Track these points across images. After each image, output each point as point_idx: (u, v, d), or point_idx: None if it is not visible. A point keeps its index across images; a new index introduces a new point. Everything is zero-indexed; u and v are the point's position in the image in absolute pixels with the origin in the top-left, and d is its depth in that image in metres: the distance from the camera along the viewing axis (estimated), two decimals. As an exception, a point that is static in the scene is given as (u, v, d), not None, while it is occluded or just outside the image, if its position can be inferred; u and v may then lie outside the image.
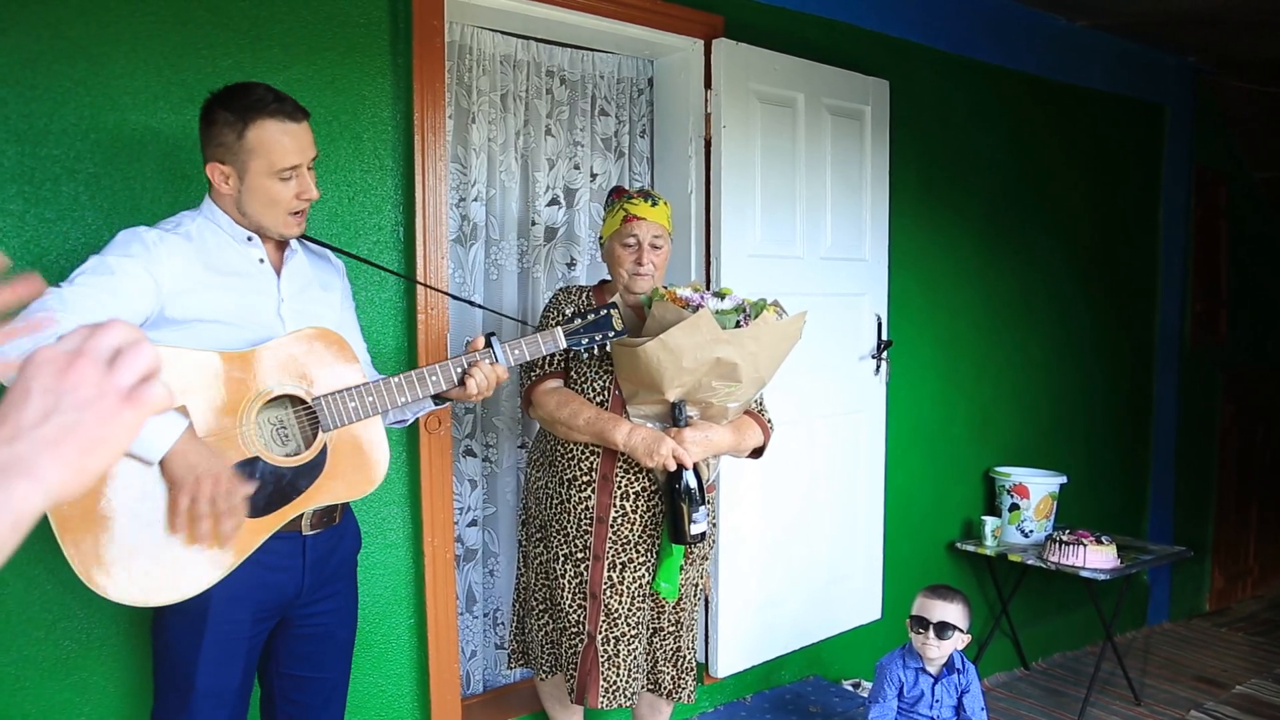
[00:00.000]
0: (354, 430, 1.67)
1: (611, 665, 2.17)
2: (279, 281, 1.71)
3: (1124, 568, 3.39)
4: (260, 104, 1.60)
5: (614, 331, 1.95)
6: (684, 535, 2.05)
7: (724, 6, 2.86)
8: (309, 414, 1.64)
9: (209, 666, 1.61)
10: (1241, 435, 5.11)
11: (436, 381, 1.75)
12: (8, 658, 1.87)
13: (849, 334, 3.15)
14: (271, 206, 1.64)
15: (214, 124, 1.61)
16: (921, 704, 2.47)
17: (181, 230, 1.63)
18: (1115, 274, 4.31)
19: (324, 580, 1.77)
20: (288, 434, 1.64)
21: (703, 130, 2.81)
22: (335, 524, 1.77)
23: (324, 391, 1.64)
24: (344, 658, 1.89)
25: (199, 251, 1.63)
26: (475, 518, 2.85)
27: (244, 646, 1.66)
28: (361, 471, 1.69)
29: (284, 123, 1.61)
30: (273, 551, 1.64)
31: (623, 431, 2.07)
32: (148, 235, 1.57)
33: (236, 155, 1.60)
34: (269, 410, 1.62)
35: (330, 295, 1.84)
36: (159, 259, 1.56)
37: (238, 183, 1.62)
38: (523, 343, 1.87)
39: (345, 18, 2.21)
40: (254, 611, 1.66)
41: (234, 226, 1.67)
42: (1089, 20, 3.96)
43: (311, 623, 1.79)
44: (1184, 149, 4.58)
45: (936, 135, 3.52)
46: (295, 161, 1.63)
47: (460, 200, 2.72)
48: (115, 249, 1.55)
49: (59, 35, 1.87)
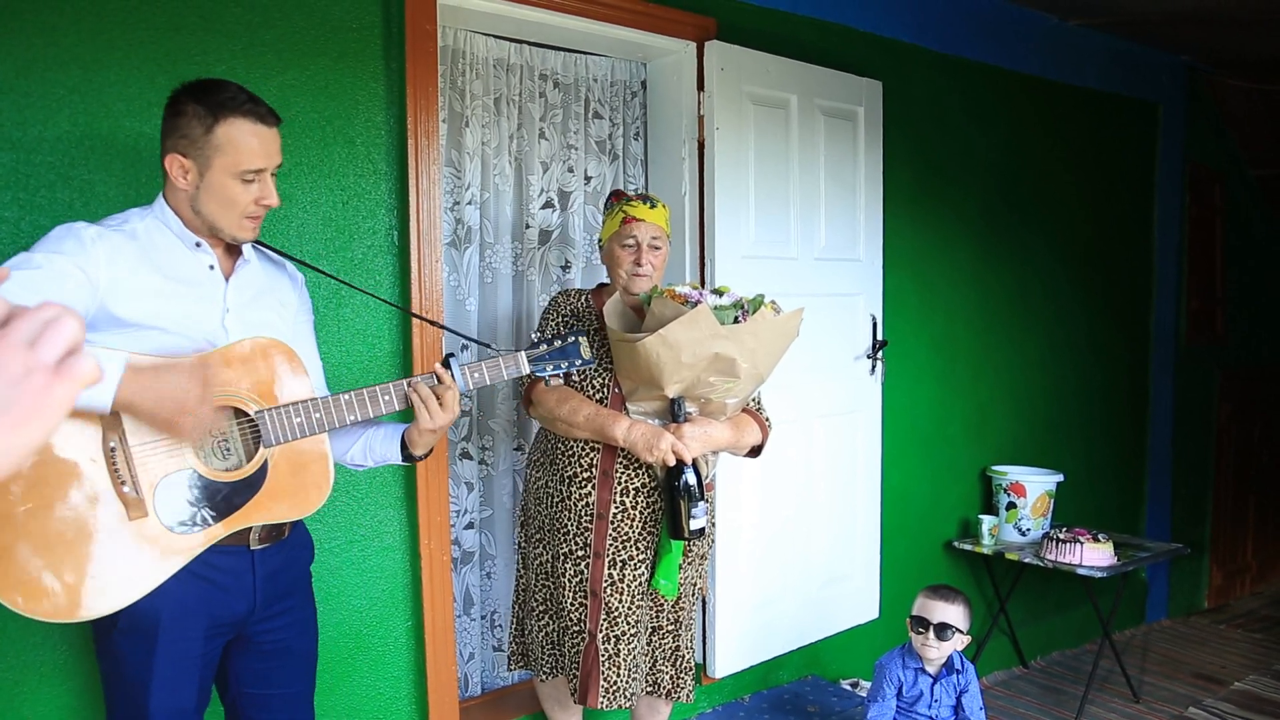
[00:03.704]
0: (298, 447, 1.60)
1: (612, 665, 2.18)
2: (226, 290, 1.63)
3: (1121, 565, 3.39)
4: (234, 102, 1.54)
5: (580, 360, 1.88)
6: (683, 531, 2.07)
7: (716, 9, 2.87)
8: (253, 427, 1.57)
9: (162, 687, 1.55)
10: (1239, 433, 5.12)
11: (389, 401, 1.66)
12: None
13: (844, 334, 3.16)
14: (229, 207, 1.57)
15: (181, 115, 1.54)
16: (920, 704, 2.47)
17: (127, 228, 1.55)
18: (1111, 272, 4.31)
19: (277, 595, 1.70)
20: (229, 447, 1.57)
21: (696, 132, 2.82)
22: (284, 538, 1.70)
23: (269, 405, 1.57)
24: (306, 672, 1.82)
25: (143, 252, 1.54)
26: (472, 520, 2.85)
27: (197, 665, 1.59)
28: (302, 491, 1.61)
29: (255, 124, 1.55)
30: (220, 568, 1.58)
31: (622, 427, 2.08)
32: (85, 232, 1.49)
33: (201, 150, 1.53)
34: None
35: (284, 308, 1.75)
36: (94, 258, 1.47)
37: (196, 178, 1.55)
38: (484, 366, 1.78)
39: (338, 23, 2.22)
40: (206, 628, 1.59)
41: (184, 230, 1.59)
42: (1082, 19, 3.96)
43: (269, 639, 1.72)
44: (1179, 147, 4.58)
45: (930, 135, 3.52)
46: (261, 165, 1.57)
47: (454, 204, 2.73)
48: (46, 244, 1.47)
49: (52, 42, 1.87)
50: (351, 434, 1.82)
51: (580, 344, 1.88)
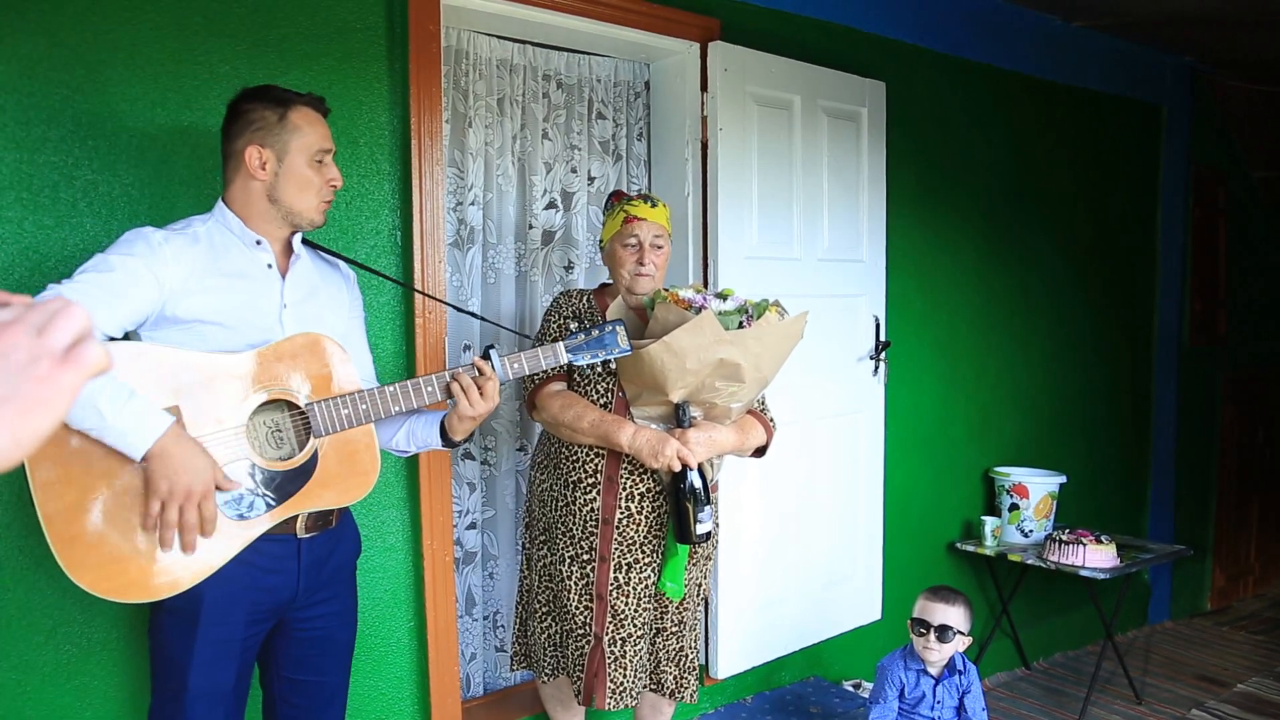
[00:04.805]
0: (346, 437, 1.68)
1: (618, 666, 2.18)
2: (283, 287, 1.72)
3: (1124, 567, 3.39)
4: (293, 94, 1.69)
5: (619, 349, 1.89)
6: (690, 535, 2.06)
7: (720, 9, 2.87)
8: (303, 419, 1.64)
9: (201, 667, 1.61)
10: (1242, 434, 5.11)
11: (432, 392, 1.73)
12: (9, 663, 1.87)
13: (847, 335, 3.15)
14: (306, 188, 1.68)
15: (250, 112, 1.66)
16: (923, 705, 2.47)
17: (189, 232, 1.64)
18: (1114, 274, 4.31)
19: (321, 584, 1.77)
20: (282, 437, 1.65)
21: (699, 133, 2.82)
22: (331, 528, 1.77)
23: (319, 398, 1.64)
24: (344, 661, 1.88)
25: (207, 252, 1.64)
26: (474, 520, 2.85)
27: (238, 648, 1.65)
28: (351, 479, 1.69)
29: (316, 111, 1.71)
30: (267, 554, 1.64)
31: (627, 433, 2.08)
32: (153, 235, 1.59)
33: (279, 136, 1.65)
34: (266, 413, 1.63)
35: (336, 305, 1.84)
36: (163, 259, 1.57)
37: (275, 165, 1.65)
38: (522, 356, 1.84)
39: (342, 23, 2.22)
40: (248, 613, 1.66)
41: (244, 230, 1.68)
42: (1085, 20, 3.96)
43: (310, 626, 1.78)
44: (1182, 149, 4.58)
45: (933, 136, 3.52)
46: (330, 146, 1.71)
47: (457, 204, 2.73)
48: (119, 247, 1.57)
49: (56, 43, 1.88)
50: (395, 422, 1.90)
51: (618, 332, 1.90)
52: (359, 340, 1.91)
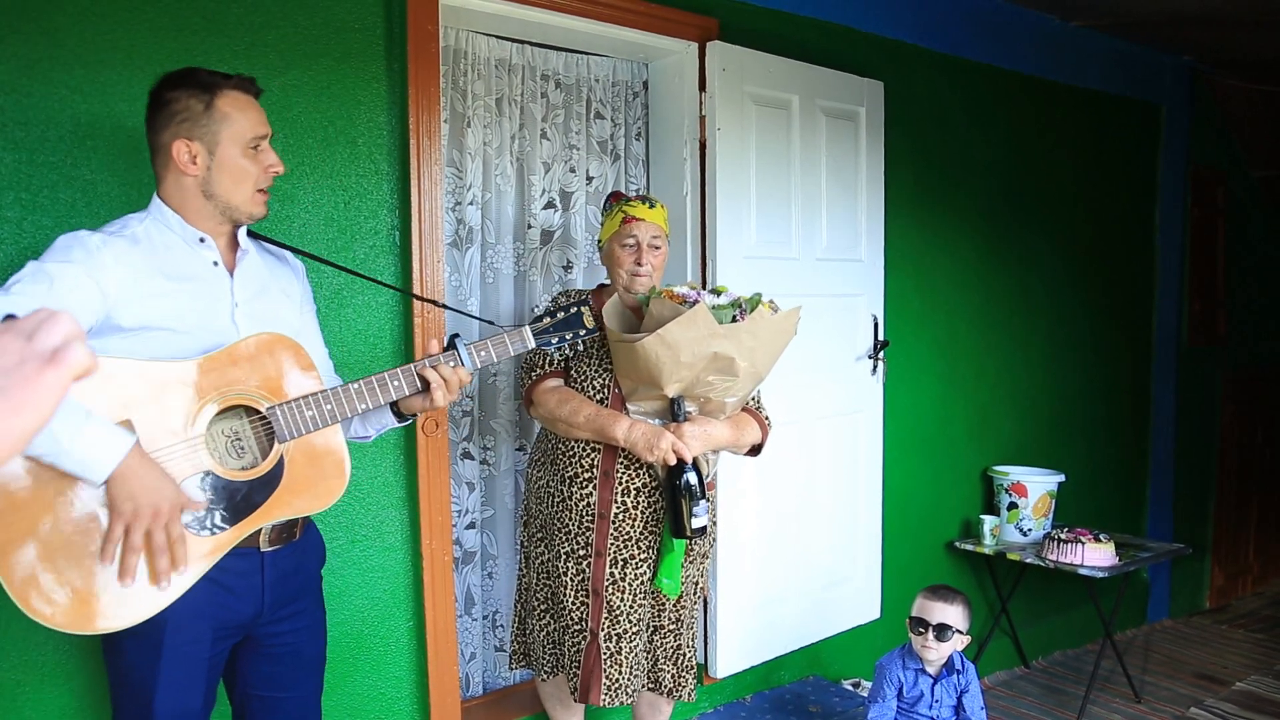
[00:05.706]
0: (312, 440, 1.59)
1: (614, 663, 2.18)
2: (233, 284, 1.62)
3: (1122, 565, 3.39)
4: (219, 77, 1.55)
5: (584, 329, 1.83)
6: (685, 530, 2.07)
7: (718, 9, 2.87)
8: (265, 424, 1.55)
9: (169, 688, 1.54)
10: (1241, 434, 5.12)
11: (399, 387, 1.64)
12: (9, 663, 1.87)
13: (846, 335, 3.16)
14: (242, 180, 1.57)
15: (173, 102, 1.53)
16: (921, 704, 2.47)
17: (128, 233, 1.54)
18: (1113, 273, 4.31)
19: (287, 598, 1.68)
20: (243, 445, 1.56)
21: (698, 133, 2.82)
22: (295, 539, 1.68)
23: (280, 401, 1.55)
24: (314, 675, 1.81)
25: (148, 254, 1.53)
26: (473, 520, 2.86)
27: (204, 667, 1.58)
28: (323, 482, 1.60)
29: (245, 94, 1.57)
30: (230, 570, 1.55)
31: (622, 427, 2.09)
32: (90, 239, 1.48)
33: (206, 127, 1.53)
34: (224, 421, 1.54)
35: (289, 299, 1.74)
36: (103, 264, 1.46)
37: (207, 158, 1.54)
38: (489, 344, 1.74)
39: (340, 23, 2.23)
40: (213, 630, 1.58)
41: (185, 227, 1.58)
42: (1084, 20, 3.96)
43: (278, 642, 1.71)
44: (1181, 148, 4.58)
45: (932, 136, 3.52)
46: (264, 130, 1.58)
47: (456, 204, 2.73)
48: (54, 255, 1.45)
49: (55, 43, 1.88)
50: None
51: (583, 314, 1.84)
52: (314, 335, 1.81)
